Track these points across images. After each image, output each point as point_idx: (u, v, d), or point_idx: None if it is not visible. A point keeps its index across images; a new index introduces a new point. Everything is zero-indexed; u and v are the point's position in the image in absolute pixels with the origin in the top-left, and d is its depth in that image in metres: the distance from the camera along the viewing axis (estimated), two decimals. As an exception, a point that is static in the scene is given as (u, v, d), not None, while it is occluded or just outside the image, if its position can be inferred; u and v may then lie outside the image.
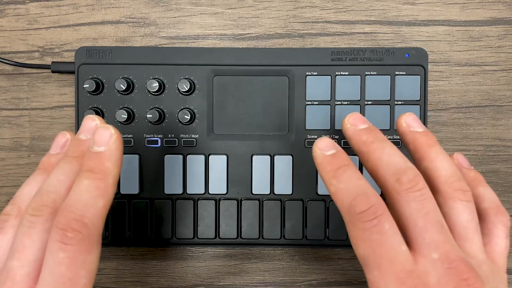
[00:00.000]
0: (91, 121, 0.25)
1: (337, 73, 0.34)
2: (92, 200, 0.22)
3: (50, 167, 0.26)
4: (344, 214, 0.23)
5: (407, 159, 0.24)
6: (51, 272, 0.20)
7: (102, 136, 0.23)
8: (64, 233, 0.21)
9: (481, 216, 0.25)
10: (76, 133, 0.26)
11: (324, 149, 0.25)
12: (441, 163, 0.24)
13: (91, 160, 0.23)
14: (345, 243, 0.34)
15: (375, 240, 0.21)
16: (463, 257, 0.21)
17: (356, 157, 0.34)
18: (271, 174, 0.34)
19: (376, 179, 0.24)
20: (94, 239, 0.21)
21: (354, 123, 0.26)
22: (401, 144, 0.33)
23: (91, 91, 0.33)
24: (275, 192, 0.34)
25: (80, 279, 0.21)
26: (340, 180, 0.23)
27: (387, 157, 0.24)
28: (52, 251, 0.21)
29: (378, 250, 0.21)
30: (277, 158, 0.34)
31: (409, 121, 0.26)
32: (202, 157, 0.34)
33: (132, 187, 0.33)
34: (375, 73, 0.33)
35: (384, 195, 0.24)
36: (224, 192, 0.34)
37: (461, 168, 0.28)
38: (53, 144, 0.27)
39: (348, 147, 0.34)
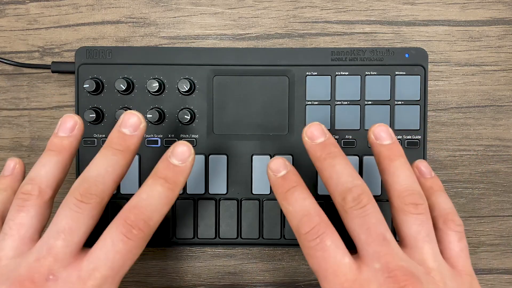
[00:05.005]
0: (135, 118, 0.26)
1: (337, 73, 0.34)
2: (160, 206, 0.24)
3: (63, 150, 0.26)
4: (295, 234, 0.25)
5: (356, 176, 0.25)
6: (106, 255, 0.23)
7: (182, 152, 0.26)
8: (130, 229, 0.23)
9: (434, 224, 0.26)
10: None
11: (275, 170, 0.26)
12: (398, 178, 0.26)
13: (168, 170, 0.25)
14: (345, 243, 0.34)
15: (319, 257, 0.24)
16: (403, 265, 0.23)
17: (353, 157, 0.34)
18: (271, 174, 0.34)
19: (330, 194, 0.26)
20: (149, 239, 0.24)
21: (311, 137, 0.27)
22: (401, 144, 0.33)
23: (91, 91, 0.33)
24: (275, 192, 0.34)
25: (126, 268, 0.24)
26: (289, 202, 0.25)
27: (336, 175, 0.25)
28: (113, 238, 0.23)
29: (323, 264, 0.23)
30: (277, 158, 0.34)
31: (376, 133, 0.28)
32: (202, 157, 0.34)
33: (132, 187, 0.33)
34: (375, 73, 0.33)
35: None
36: (224, 192, 0.34)
37: (419, 178, 0.29)
38: (60, 125, 0.27)
39: (346, 147, 0.34)
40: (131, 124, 0.26)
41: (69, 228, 0.23)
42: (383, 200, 0.33)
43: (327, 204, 0.34)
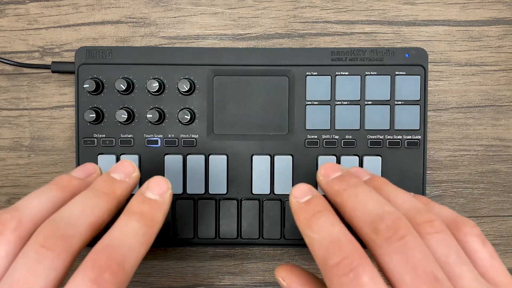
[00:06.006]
0: (129, 165, 0.24)
1: (337, 73, 0.34)
2: (137, 245, 0.20)
3: (69, 188, 0.23)
4: (320, 268, 0.20)
5: (386, 202, 0.22)
6: None
7: (159, 186, 0.23)
8: (101, 274, 0.18)
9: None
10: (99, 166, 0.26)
11: (299, 196, 0.23)
12: (395, 200, 0.23)
13: (144, 204, 0.22)
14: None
15: None
16: None
17: (353, 157, 0.34)
18: (271, 174, 0.34)
19: (355, 231, 0.22)
20: (124, 286, 0.20)
21: (325, 174, 0.24)
22: (401, 144, 0.34)
23: (91, 91, 0.33)
24: (275, 192, 0.34)
25: None
26: (314, 230, 0.21)
27: (361, 204, 0.21)
28: (79, 287, 0.18)
29: None
30: (277, 158, 0.34)
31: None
32: (202, 157, 0.34)
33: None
34: (375, 73, 0.33)
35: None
36: (224, 192, 0.34)
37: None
38: (79, 168, 0.25)
39: (346, 147, 0.34)
40: (122, 171, 0.24)
41: (23, 282, 0.18)
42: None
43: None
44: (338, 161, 0.34)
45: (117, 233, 0.20)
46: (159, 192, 0.23)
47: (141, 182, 0.34)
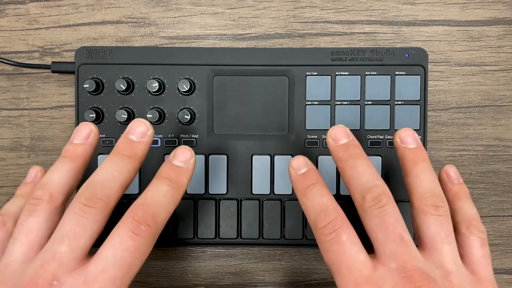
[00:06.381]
0: (143, 125, 0.27)
1: (337, 73, 0.34)
2: (167, 204, 0.25)
3: (77, 157, 0.26)
4: (312, 229, 0.25)
5: (377, 176, 0.26)
6: (114, 254, 0.22)
7: (184, 155, 0.26)
8: (139, 225, 0.23)
9: (456, 230, 0.26)
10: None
11: (297, 168, 0.27)
12: (420, 180, 0.26)
13: (171, 170, 0.26)
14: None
15: (334, 251, 0.24)
16: (420, 267, 0.23)
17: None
18: (271, 174, 0.34)
19: (350, 194, 0.26)
20: (156, 238, 0.24)
21: (335, 138, 0.28)
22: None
23: (91, 91, 0.33)
24: (275, 192, 0.34)
25: (135, 270, 0.23)
26: (308, 198, 0.26)
27: (357, 175, 0.26)
28: (121, 236, 0.23)
29: (337, 259, 0.24)
30: (277, 158, 0.34)
31: (402, 137, 0.28)
32: (202, 157, 0.34)
33: (132, 188, 0.33)
34: (375, 73, 0.33)
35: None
36: (224, 192, 0.34)
37: (446, 183, 0.30)
38: (76, 133, 0.27)
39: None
40: (138, 131, 0.26)
41: (73, 232, 0.23)
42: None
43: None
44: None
45: (151, 193, 0.25)
46: (184, 159, 0.26)
47: (141, 180, 0.34)
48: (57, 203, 0.25)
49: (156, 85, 0.33)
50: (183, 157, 0.26)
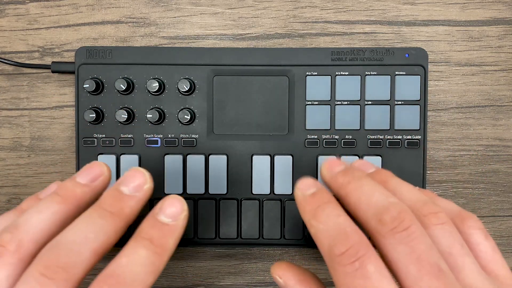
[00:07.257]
0: (141, 176, 0.22)
1: (337, 73, 0.34)
2: (144, 275, 0.19)
3: (72, 200, 0.22)
4: (325, 258, 0.20)
5: (390, 194, 0.22)
6: None
7: (174, 207, 0.21)
8: None
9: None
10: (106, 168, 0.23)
11: (304, 189, 0.23)
12: (401, 194, 0.23)
13: (154, 229, 0.20)
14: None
15: (358, 286, 0.18)
16: None
17: (353, 157, 0.34)
18: (271, 174, 0.34)
19: (360, 223, 0.22)
20: None
21: (329, 168, 0.24)
22: (401, 144, 0.34)
23: (91, 91, 0.33)
24: (275, 192, 0.34)
25: None
26: (319, 220, 0.21)
27: (366, 196, 0.21)
28: None
29: None
30: (277, 158, 0.34)
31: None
32: (202, 157, 0.34)
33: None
34: (375, 73, 0.33)
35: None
36: (224, 192, 0.34)
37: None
38: (83, 170, 0.23)
39: (346, 147, 0.34)
40: (133, 183, 0.21)
41: None
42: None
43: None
44: (338, 161, 0.34)
45: (124, 260, 0.19)
46: (172, 214, 0.21)
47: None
48: (24, 255, 0.19)
49: (156, 85, 0.33)
50: (171, 211, 0.21)
